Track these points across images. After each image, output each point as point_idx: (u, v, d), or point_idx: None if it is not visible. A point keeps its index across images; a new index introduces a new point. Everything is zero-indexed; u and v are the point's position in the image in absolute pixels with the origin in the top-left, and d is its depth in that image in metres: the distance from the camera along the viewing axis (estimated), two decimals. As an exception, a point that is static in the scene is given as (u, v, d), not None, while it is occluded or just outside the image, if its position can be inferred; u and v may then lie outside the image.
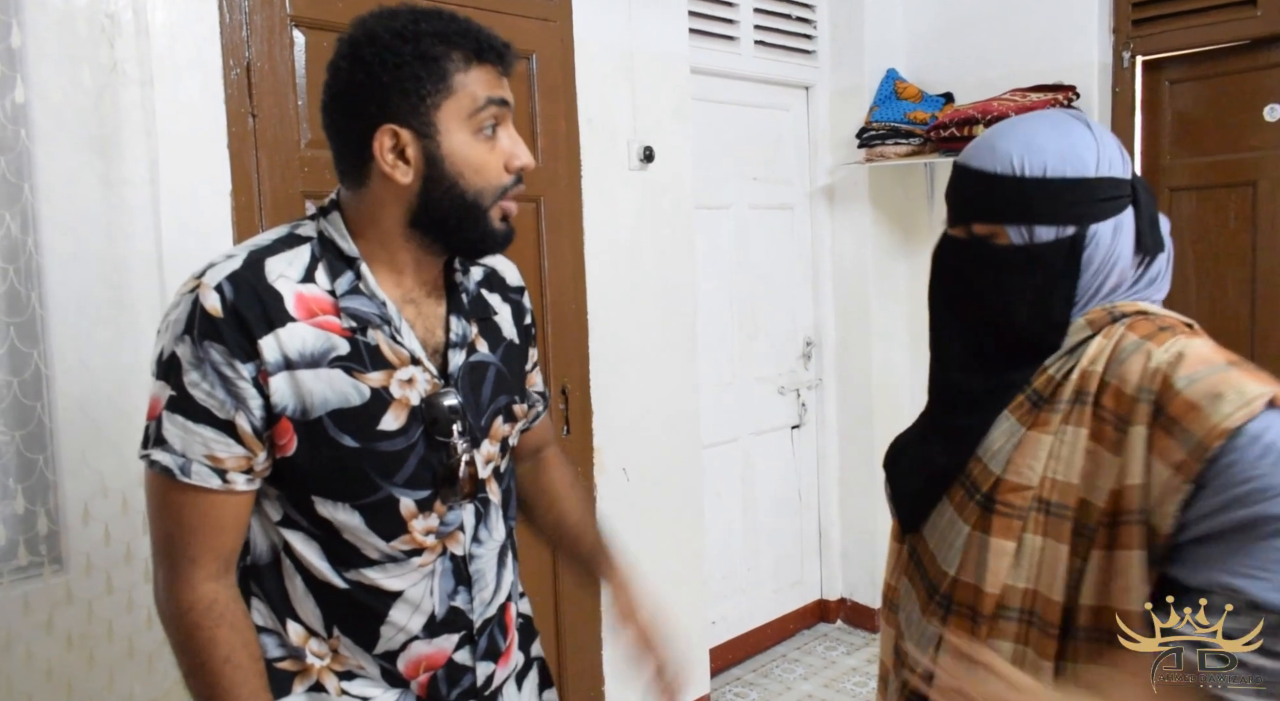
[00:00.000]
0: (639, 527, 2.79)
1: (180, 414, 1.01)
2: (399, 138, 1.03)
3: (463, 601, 1.16)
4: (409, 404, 1.08)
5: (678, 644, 1.34)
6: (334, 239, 1.08)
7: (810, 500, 3.76)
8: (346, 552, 1.09)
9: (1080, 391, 1.00)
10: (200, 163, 1.88)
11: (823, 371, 3.73)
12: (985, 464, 1.05)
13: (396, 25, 1.03)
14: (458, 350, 1.14)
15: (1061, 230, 1.01)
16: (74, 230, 1.69)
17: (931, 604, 1.08)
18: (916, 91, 3.42)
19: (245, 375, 1.00)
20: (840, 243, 3.65)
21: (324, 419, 1.03)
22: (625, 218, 2.71)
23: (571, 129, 2.55)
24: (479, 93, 1.05)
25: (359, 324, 1.06)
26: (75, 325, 1.70)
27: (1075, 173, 1.01)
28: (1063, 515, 0.99)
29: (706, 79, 3.17)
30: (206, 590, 1.04)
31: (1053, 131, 1.03)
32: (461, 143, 1.05)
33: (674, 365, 2.88)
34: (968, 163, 1.07)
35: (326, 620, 1.11)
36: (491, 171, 1.07)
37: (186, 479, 1.01)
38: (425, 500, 1.10)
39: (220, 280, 1.01)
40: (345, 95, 1.04)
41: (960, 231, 1.09)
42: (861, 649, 3.56)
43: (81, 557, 1.71)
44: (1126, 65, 3.14)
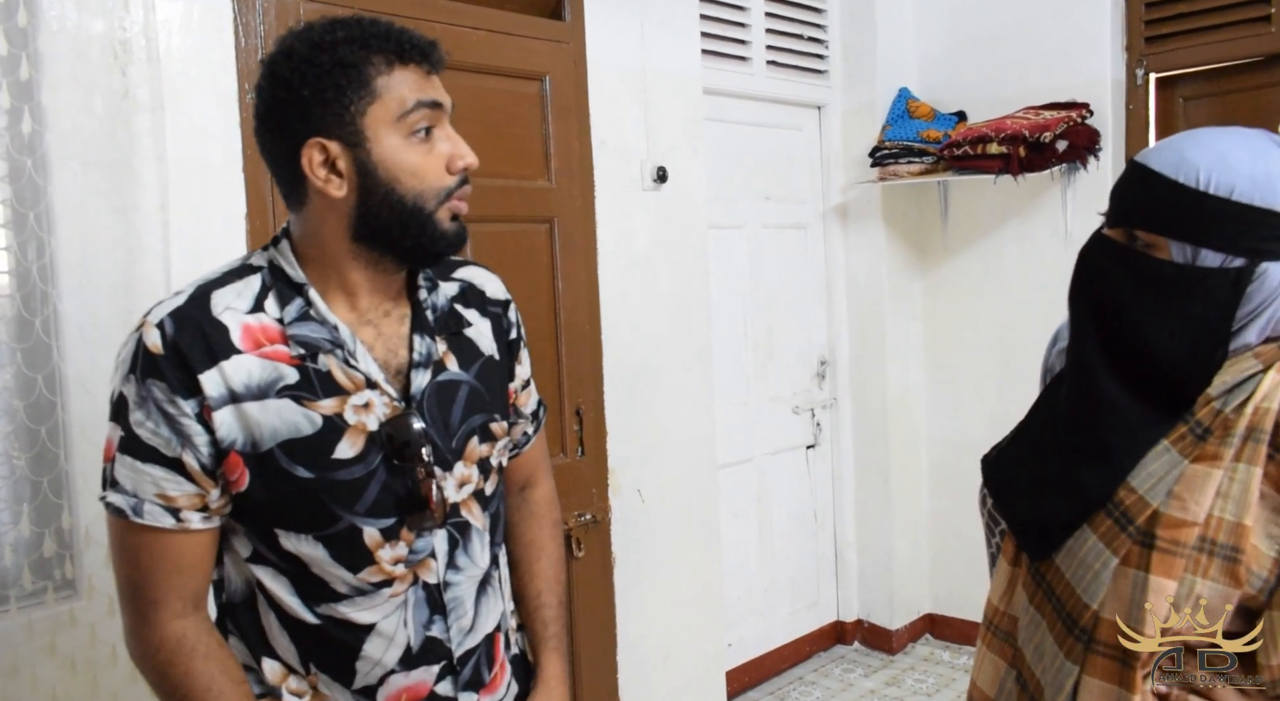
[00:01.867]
0: (654, 549, 2.77)
1: (129, 455, 0.99)
2: (328, 151, 1.00)
3: (439, 630, 1.11)
4: (365, 429, 1.04)
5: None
6: (283, 266, 1.06)
7: (826, 520, 3.73)
8: (315, 587, 1.06)
9: (1254, 428, 0.95)
10: (215, 186, 1.89)
11: (837, 391, 3.71)
12: (1141, 495, 0.98)
13: (313, 37, 1.01)
14: (422, 370, 1.09)
15: (1229, 259, 0.95)
16: (84, 257, 1.70)
17: (1069, 638, 1.02)
18: (929, 110, 3.42)
19: (188, 412, 0.98)
20: (854, 262, 3.64)
21: (274, 450, 1.01)
22: (639, 238, 2.71)
23: (585, 150, 2.56)
24: (406, 95, 1.01)
25: (308, 351, 1.03)
26: (82, 351, 1.70)
27: (1263, 202, 0.94)
28: (1232, 557, 0.93)
29: (719, 99, 3.18)
30: (174, 628, 1.02)
31: (1250, 154, 0.96)
32: (392, 147, 1.01)
33: (688, 385, 2.87)
34: (1148, 163, 0.99)
35: (303, 657, 1.08)
36: (430, 174, 1.03)
37: (139, 519, 0.99)
38: (390, 528, 1.06)
39: (163, 316, 0.99)
40: (269, 115, 1.02)
41: (1119, 234, 1.02)
42: (879, 671, 3.51)
43: (84, 581, 1.71)
44: (1140, 82, 3.14)
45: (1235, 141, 0.97)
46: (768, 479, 3.49)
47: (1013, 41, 3.34)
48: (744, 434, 3.38)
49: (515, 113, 2.39)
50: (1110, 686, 0.98)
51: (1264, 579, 0.93)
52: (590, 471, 2.59)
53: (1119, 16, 3.15)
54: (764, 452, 3.48)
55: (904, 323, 3.64)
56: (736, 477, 3.36)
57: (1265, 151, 0.96)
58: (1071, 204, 3.21)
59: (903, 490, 3.67)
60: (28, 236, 1.67)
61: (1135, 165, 1.01)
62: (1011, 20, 3.34)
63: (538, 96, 2.44)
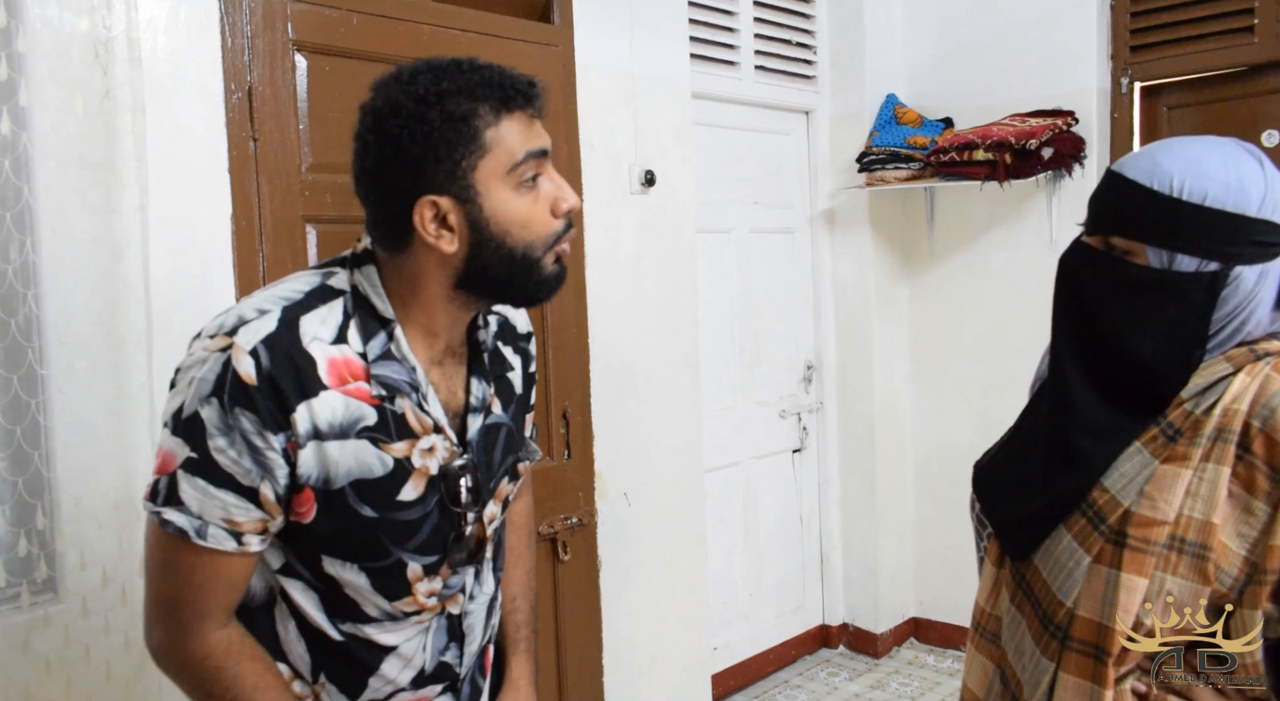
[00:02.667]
0: (640, 553, 2.77)
1: (201, 477, 0.97)
2: (439, 206, 0.99)
3: (452, 656, 1.15)
4: (428, 473, 1.06)
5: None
6: (369, 296, 1.04)
7: (812, 524, 3.73)
8: (346, 607, 1.08)
9: (1223, 429, 0.97)
10: (201, 187, 1.88)
11: (824, 395, 3.72)
12: (1113, 494, 1.01)
13: (418, 90, 0.97)
14: (476, 414, 1.11)
15: (1204, 264, 0.97)
16: (62, 257, 1.69)
17: (1045, 635, 1.05)
18: (916, 116, 3.44)
19: (275, 446, 0.97)
20: (841, 266, 3.66)
21: (346, 489, 1.01)
22: (627, 242, 2.71)
23: (573, 153, 2.56)
24: (515, 147, 1.00)
25: (388, 392, 1.02)
26: (60, 351, 1.69)
27: (1235, 208, 0.96)
28: (1200, 555, 0.95)
29: (707, 104, 3.19)
30: (219, 637, 1.03)
31: (1222, 161, 0.98)
32: (503, 201, 1.00)
33: (675, 389, 2.87)
34: (1123, 171, 1.02)
35: (314, 666, 1.10)
36: (539, 223, 1.02)
37: (202, 541, 0.98)
38: (433, 565, 1.09)
39: (256, 344, 0.96)
40: (378, 171, 1.00)
41: (1096, 241, 1.05)
42: (864, 675, 3.52)
43: (61, 582, 1.70)
44: (1125, 91, 3.16)
45: (1208, 149, 0.99)
46: (754, 483, 3.50)
47: (1000, 49, 3.36)
48: (730, 438, 3.39)
49: (503, 115, 2.38)
50: (1084, 682, 1.00)
51: (1233, 576, 0.95)
52: (576, 475, 2.59)
53: (1105, 26, 3.17)
54: (750, 457, 3.48)
55: (890, 328, 3.66)
56: (723, 481, 3.36)
57: (1236, 158, 0.99)
58: (1057, 211, 3.23)
59: (888, 495, 3.68)
60: (6, 237, 1.66)
61: (1111, 174, 1.04)
62: (999, 28, 3.36)
63: (526, 99, 2.43)
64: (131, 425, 1.76)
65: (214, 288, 1.87)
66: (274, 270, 1.96)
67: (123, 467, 1.75)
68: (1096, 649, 0.99)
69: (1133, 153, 1.05)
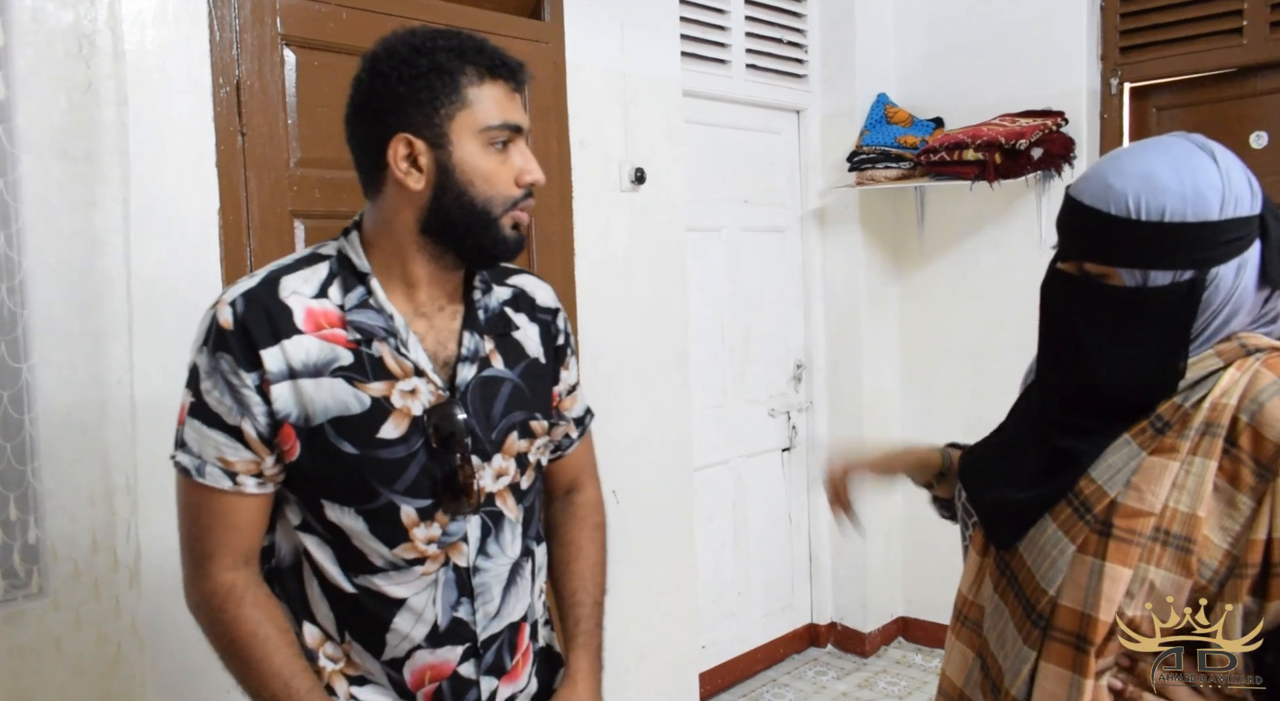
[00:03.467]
0: (629, 551, 2.77)
1: (198, 419, 1.08)
2: (413, 146, 1.08)
3: (465, 613, 1.17)
4: (410, 414, 1.11)
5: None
6: (350, 256, 1.13)
7: (801, 523, 3.74)
8: (355, 558, 1.13)
9: (1211, 423, 0.97)
10: (188, 181, 1.87)
11: (813, 394, 3.72)
12: (1100, 485, 1.01)
13: (415, 41, 1.09)
14: (468, 364, 1.16)
15: (1179, 274, 0.96)
16: (45, 252, 1.68)
17: (1027, 623, 1.05)
18: (907, 116, 3.44)
19: (249, 384, 1.05)
20: (831, 265, 3.66)
21: (325, 426, 1.08)
22: (617, 239, 2.71)
23: (563, 150, 2.55)
24: (491, 111, 1.09)
25: (364, 336, 1.10)
26: (49, 345, 1.68)
27: (1196, 217, 0.95)
28: (1184, 547, 0.96)
29: (698, 102, 3.18)
30: (225, 579, 1.09)
31: (1174, 169, 0.96)
32: (472, 153, 1.09)
33: (665, 387, 2.87)
34: (1080, 197, 1.01)
35: (339, 624, 1.15)
36: (501, 182, 1.11)
37: (201, 479, 1.07)
38: (426, 509, 1.12)
39: (235, 296, 1.07)
40: (364, 105, 1.10)
41: (1071, 267, 1.04)
42: (852, 674, 3.53)
43: (30, 573, 1.69)
44: (1115, 92, 3.17)
45: (1157, 159, 0.97)
46: (743, 481, 3.50)
47: (990, 49, 3.37)
48: (720, 436, 3.39)
49: (494, 112, 2.38)
50: (1065, 671, 1.00)
51: (1214, 569, 0.95)
52: (565, 472, 2.58)
53: (1095, 27, 3.18)
54: (740, 455, 3.48)
55: (880, 327, 3.66)
56: (712, 480, 3.36)
57: (1188, 163, 0.97)
58: (1046, 211, 3.24)
59: (877, 494, 3.68)
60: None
61: (1069, 199, 1.03)
62: (989, 29, 3.37)
63: (517, 96, 2.43)
64: (109, 419, 1.75)
65: (201, 282, 1.87)
66: (261, 265, 1.95)
67: (100, 462, 1.74)
68: (1079, 638, 0.99)
69: (1085, 172, 1.03)
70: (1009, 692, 1.06)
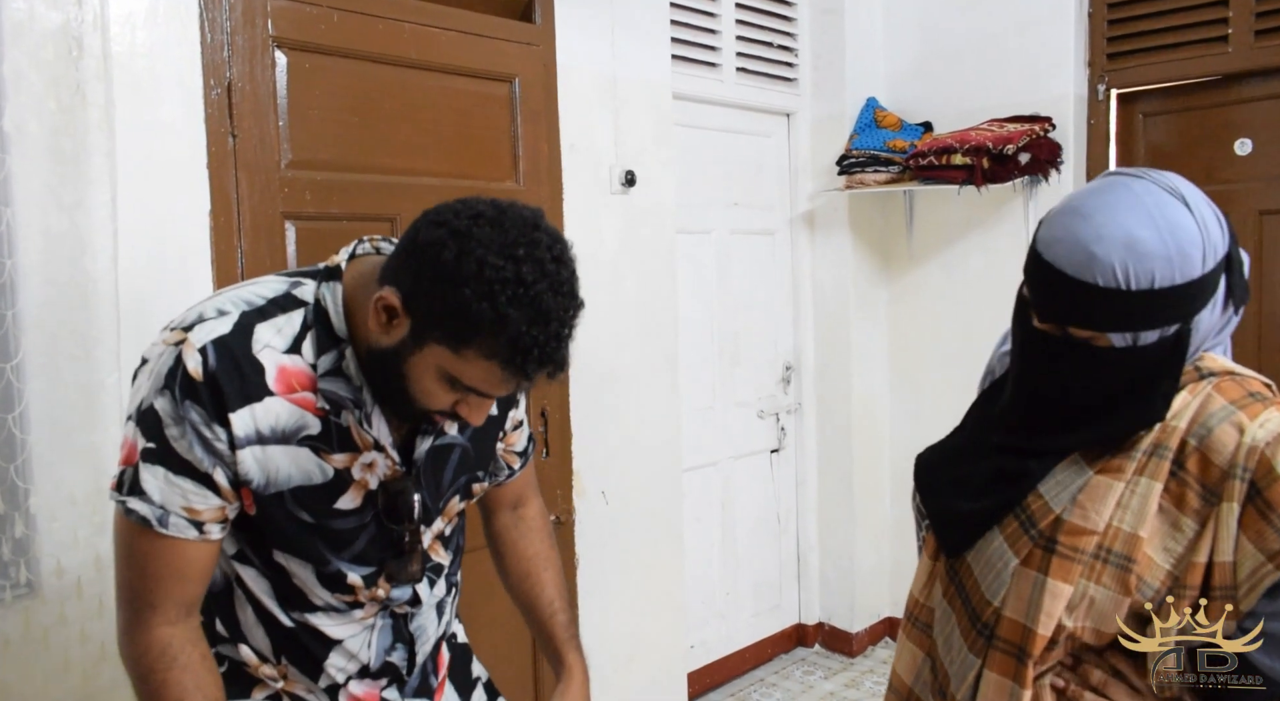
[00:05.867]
0: (618, 552, 2.78)
1: (161, 466, 1.00)
2: (396, 313, 0.98)
3: (399, 658, 1.19)
4: (367, 486, 1.09)
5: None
6: (329, 312, 1.05)
7: (789, 524, 3.75)
8: (294, 595, 1.12)
9: (1159, 445, 0.98)
10: (179, 183, 1.87)
11: (802, 396, 3.74)
12: (1046, 500, 1.02)
13: (487, 275, 0.92)
14: (425, 436, 1.14)
15: (1166, 330, 0.96)
16: (32, 253, 1.68)
17: (973, 632, 1.07)
18: (896, 120, 3.46)
19: (222, 438, 1.00)
20: (820, 268, 3.68)
21: (285, 493, 1.05)
22: (607, 242, 2.72)
23: (553, 153, 2.56)
24: (473, 379, 0.99)
25: (333, 406, 1.05)
26: (36, 345, 1.69)
27: (1184, 278, 0.93)
28: (1124, 566, 0.97)
29: (688, 105, 3.20)
30: (160, 634, 1.03)
31: (1156, 230, 0.93)
32: (426, 374, 1.00)
33: (654, 388, 2.88)
34: (1062, 268, 0.96)
35: (275, 649, 1.14)
36: (436, 403, 1.03)
37: (164, 530, 1.01)
38: (370, 575, 1.13)
39: (206, 343, 1.00)
40: (411, 244, 0.98)
41: (1053, 328, 1.01)
42: (839, 673, 3.55)
43: (16, 569, 1.70)
44: (1102, 98, 3.20)
45: (1135, 219, 0.94)
46: (732, 483, 3.51)
47: (979, 55, 3.39)
48: (709, 438, 3.40)
49: (484, 114, 2.39)
50: (1006, 681, 1.03)
51: (1154, 588, 0.97)
52: (555, 473, 2.59)
53: (1083, 33, 3.21)
54: (728, 456, 3.50)
55: (869, 330, 3.68)
56: (701, 481, 3.37)
57: (1166, 219, 0.94)
58: (1033, 216, 3.26)
59: (865, 495, 3.70)
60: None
61: (1046, 265, 0.98)
62: (978, 34, 3.39)
63: (507, 98, 2.44)
64: (94, 421, 1.75)
65: (192, 284, 1.87)
66: (252, 267, 1.96)
67: (85, 463, 1.74)
68: (1019, 649, 1.02)
69: (1054, 233, 0.97)
70: (955, 697, 1.09)
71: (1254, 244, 2.97)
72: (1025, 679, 1.01)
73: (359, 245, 1.12)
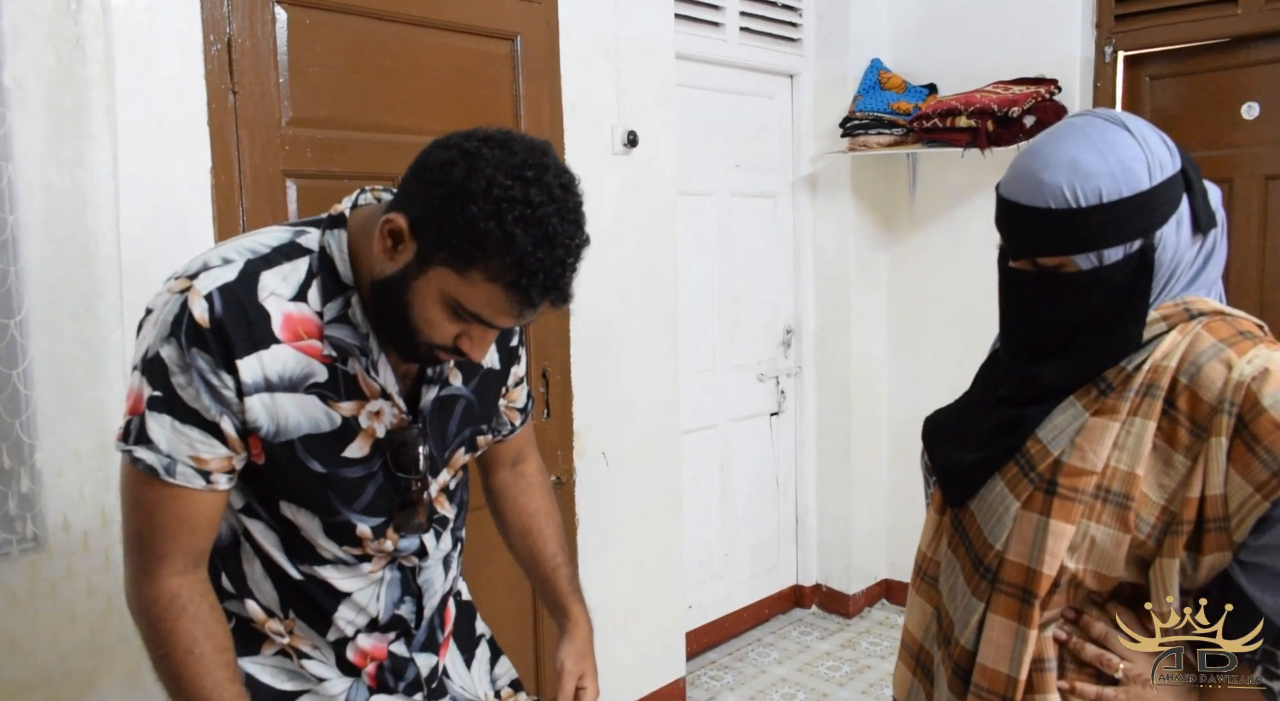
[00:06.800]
0: (618, 512, 2.80)
1: (167, 414, 1.00)
2: (403, 235, 0.98)
3: (407, 611, 1.20)
4: (374, 435, 1.09)
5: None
6: (334, 259, 1.06)
7: (788, 487, 3.78)
8: (302, 549, 1.12)
9: (1151, 385, 1.01)
10: (179, 140, 1.86)
11: (802, 359, 3.75)
12: (1044, 444, 1.05)
13: (495, 193, 0.92)
14: (430, 385, 1.14)
15: (1129, 246, 1.00)
16: (33, 210, 1.68)
17: (976, 576, 1.10)
18: (900, 82, 3.43)
19: (229, 385, 1.00)
20: (822, 232, 3.67)
21: (294, 442, 1.04)
22: (608, 202, 2.71)
23: (555, 112, 2.55)
24: (477, 305, 0.97)
25: (339, 353, 1.05)
26: (39, 302, 1.69)
27: (1130, 190, 0.98)
28: (1123, 504, 1.00)
29: (691, 65, 3.17)
30: (169, 585, 1.03)
31: (1096, 150, 0.99)
32: (430, 301, 0.99)
33: (655, 351, 2.89)
34: (1014, 198, 1.03)
35: (283, 603, 1.14)
36: (438, 334, 1.02)
37: (171, 479, 1.01)
38: (379, 526, 1.13)
39: (212, 290, 0.99)
40: (418, 168, 0.99)
41: (1025, 264, 1.07)
42: (835, 634, 3.59)
43: (23, 523, 1.72)
44: (1109, 60, 3.17)
45: (1076, 145, 1.00)
46: (731, 445, 3.53)
47: (985, 16, 3.35)
48: (709, 400, 3.42)
49: (486, 73, 2.37)
50: (1011, 622, 1.05)
51: (1151, 525, 0.99)
52: (555, 433, 2.61)
53: (1090, -7, 3.17)
54: (728, 419, 3.51)
55: (869, 294, 3.68)
56: (701, 443, 3.39)
57: (1106, 140, 1.00)
58: (1037, 179, 3.24)
59: (863, 459, 3.72)
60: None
61: (1005, 202, 1.05)
62: (984, -6, 3.35)
63: (509, 57, 2.42)
64: (98, 377, 1.76)
65: (192, 241, 1.87)
66: (253, 224, 1.95)
67: (90, 418, 1.75)
68: (1024, 591, 1.04)
69: (1012, 173, 1.04)
70: (959, 642, 1.11)
71: (1260, 208, 2.96)
72: (1031, 619, 1.03)
73: (361, 195, 1.12)
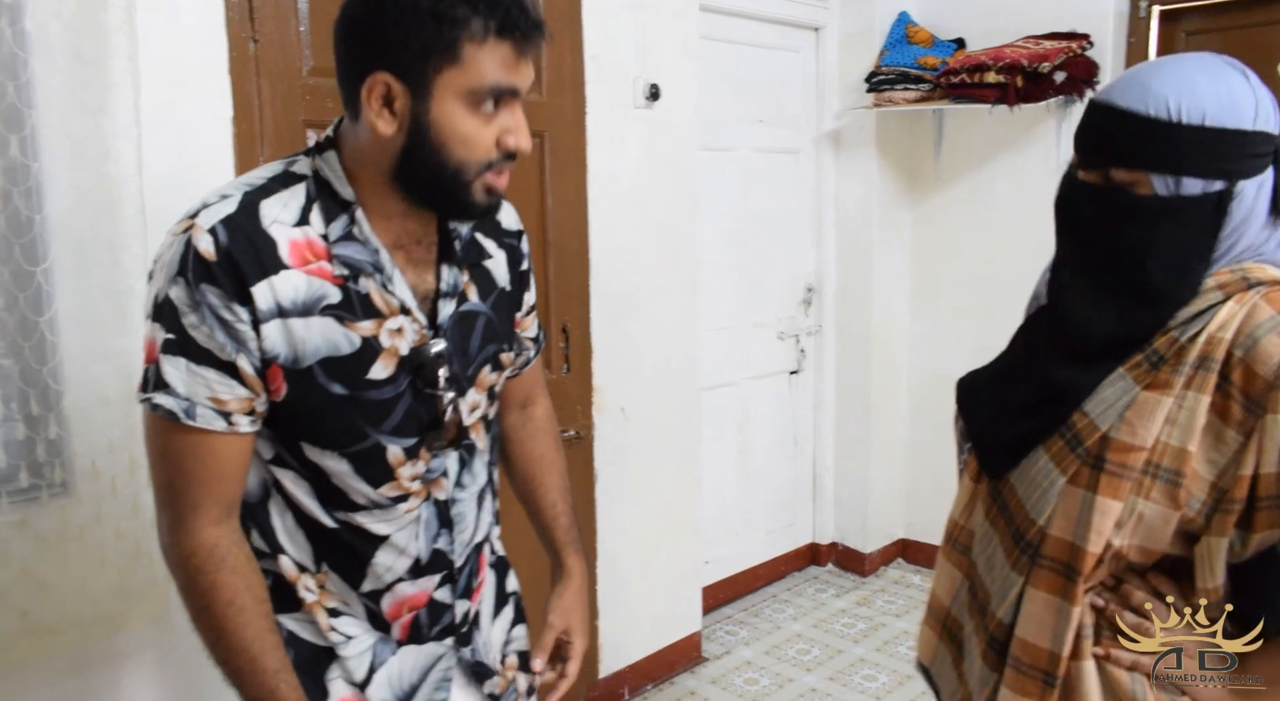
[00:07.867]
0: (636, 468, 2.82)
1: (182, 356, 0.99)
2: (391, 89, 0.98)
3: (445, 544, 1.18)
4: (398, 353, 1.08)
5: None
6: (330, 180, 1.05)
7: (805, 445, 3.79)
8: (335, 496, 1.10)
9: (1206, 357, 0.97)
10: (200, 88, 1.85)
11: (822, 318, 3.73)
12: (1092, 418, 1.02)
13: None
14: (448, 300, 1.13)
15: (1209, 184, 0.96)
16: (57, 157, 1.68)
17: (1016, 550, 1.07)
18: (928, 36, 3.37)
19: (244, 318, 0.98)
20: (845, 189, 3.63)
21: (314, 367, 1.03)
22: (629, 156, 2.69)
23: (576, 64, 2.52)
24: (487, 74, 0.98)
25: (351, 272, 1.04)
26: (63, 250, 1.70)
27: (1233, 123, 0.95)
28: (1173, 481, 0.97)
29: (715, 17, 3.12)
30: (208, 535, 1.03)
31: (1211, 77, 0.97)
32: (452, 112, 0.99)
33: (674, 307, 2.88)
34: (1112, 100, 0.99)
35: (316, 555, 1.13)
36: (480, 146, 1.01)
37: (191, 422, 0.99)
38: (412, 447, 1.11)
39: (214, 223, 0.98)
40: (350, 28, 1.00)
41: (1095, 176, 1.02)
42: (850, 592, 3.62)
43: (74, 486, 1.74)
44: (1143, 14, 3.09)
45: (1194, 67, 0.98)
46: (750, 403, 3.53)
47: (1016, -33, 3.28)
48: (728, 358, 3.41)
49: (507, 23, 2.34)
50: (1053, 598, 1.03)
51: (1201, 501, 0.97)
52: (575, 388, 2.62)
53: (1126, -55, 3.09)
54: (747, 377, 3.51)
55: (891, 253, 3.65)
56: (719, 401, 3.39)
57: (1224, 74, 0.98)
58: (1065, 138, 3.19)
59: (882, 418, 3.72)
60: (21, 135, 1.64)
61: (1099, 106, 1.01)
62: (1016, -55, 3.27)
63: (531, 7, 2.38)
64: (124, 325, 1.77)
65: (214, 191, 1.87)
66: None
67: (116, 364, 1.76)
68: (1067, 567, 1.02)
69: (1116, 81, 1.01)
70: (995, 615, 1.09)
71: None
72: (1075, 596, 1.01)
73: (340, 122, 1.10)
